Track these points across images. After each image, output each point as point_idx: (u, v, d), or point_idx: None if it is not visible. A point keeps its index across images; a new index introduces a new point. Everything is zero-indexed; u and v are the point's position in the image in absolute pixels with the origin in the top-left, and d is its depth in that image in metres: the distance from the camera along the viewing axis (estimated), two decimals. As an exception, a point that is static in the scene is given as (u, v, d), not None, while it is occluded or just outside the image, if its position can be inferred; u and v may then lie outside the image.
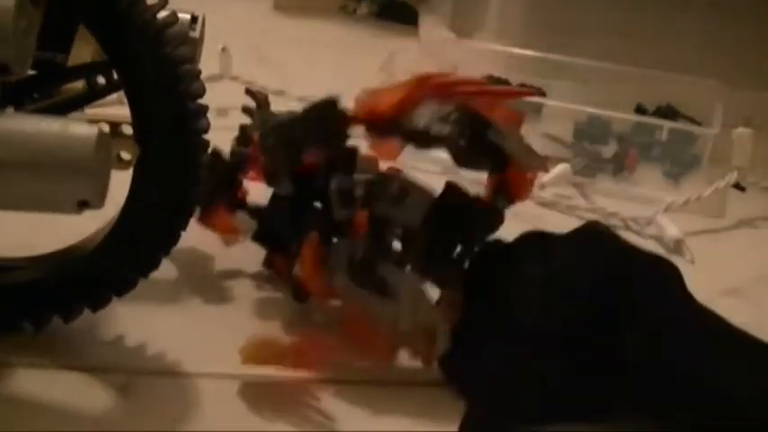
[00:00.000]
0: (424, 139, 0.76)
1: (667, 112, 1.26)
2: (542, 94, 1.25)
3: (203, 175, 0.74)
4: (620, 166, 1.18)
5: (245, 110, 0.89)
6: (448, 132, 0.75)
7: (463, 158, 0.77)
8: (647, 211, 1.08)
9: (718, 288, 0.96)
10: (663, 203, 1.08)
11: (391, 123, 0.76)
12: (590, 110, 1.19)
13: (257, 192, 0.84)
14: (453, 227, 0.76)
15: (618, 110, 1.20)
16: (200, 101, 0.72)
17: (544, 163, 0.80)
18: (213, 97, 0.73)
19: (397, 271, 0.75)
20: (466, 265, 0.77)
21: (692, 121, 1.25)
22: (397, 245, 0.77)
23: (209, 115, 0.73)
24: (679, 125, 1.22)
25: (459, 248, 0.77)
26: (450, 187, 0.76)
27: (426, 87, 0.77)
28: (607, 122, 1.20)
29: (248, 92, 0.90)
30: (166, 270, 0.82)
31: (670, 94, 1.28)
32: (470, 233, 0.76)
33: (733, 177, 1.13)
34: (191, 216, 0.76)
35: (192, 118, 0.72)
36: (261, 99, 0.89)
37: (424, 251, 0.75)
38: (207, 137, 0.74)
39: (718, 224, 1.11)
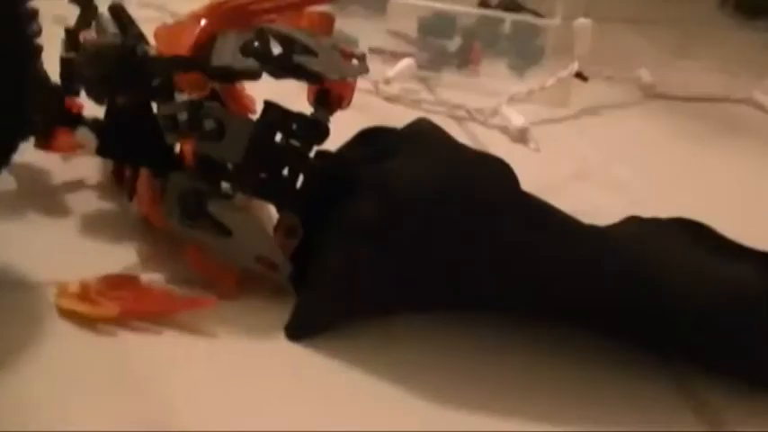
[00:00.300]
0: (228, 75, 0.74)
1: (510, 6, 1.27)
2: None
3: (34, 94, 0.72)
4: (465, 60, 1.18)
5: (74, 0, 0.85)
6: (251, 66, 0.72)
7: (276, 76, 0.74)
8: (492, 102, 1.09)
9: (565, 173, 0.99)
10: (507, 94, 1.09)
11: (192, 61, 0.73)
12: (434, 4, 1.19)
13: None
14: (278, 148, 0.74)
15: (462, 4, 1.21)
16: (31, 4, 0.70)
17: (362, 67, 0.76)
18: (48, 4, 0.71)
19: (228, 206, 0.73)
20: (299, 183, 0.75)
21: (535, 13, 1.26)
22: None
23: (46, 24, 0.71)
24: (522, 18, 1.23)
25: (287, 168, 0.75)
26: (269, 107, 0.74)
27: (221, 16, 0.74)
28: (451, 17, 1.21)
29: None
30: (5, 183, 0.80)
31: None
32: (296, 150, 0.74)
33: (575, 67, 1.15)
34: (28, 124, 0.74)
35: (22, 21, 0.69)
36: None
37: (253, 180, 0.74)
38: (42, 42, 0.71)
39: (562, 113, 1.13)
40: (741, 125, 1.20)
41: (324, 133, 0.74)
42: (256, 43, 0.72)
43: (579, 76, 1.15)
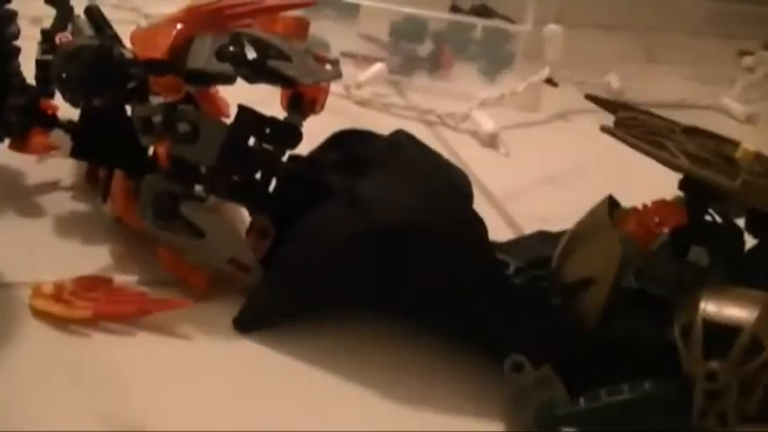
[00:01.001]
0: (202, 79, 0.74)
1: (482, 11, 1.28)
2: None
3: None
4: (436, 65, 1.19)
5: (51, 2, 0.85)
6: (225, 70, 0.72)
7: (251, 81, 0.73)
8: (462, 107, 1.10)
9: (535, 178, 1.00)
10: (478, 99, 1.10)
11: (168, 64, 0.73)
12: (406, 9, 1.20)
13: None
14: (251, 151, 0.75)
15: (433, 9, 1.22)
16: (9, 6, 0.70)
17: (335, 71, 0.76)
18: (26, 5, 0.71)
19: (200, 208, 0.74)
20: (271, 187, 0.76)
21: (506, 19, 1.27)
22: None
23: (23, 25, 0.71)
24: (493, 23, 1.24)
25: (260, 171, 0.75)
26: (243, 111, 0.74)
27: (197, 19, 0.74)
28: (423, 22, 1.22)
29: None
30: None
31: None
32: (269, 154, 0.75)
33: (545, 73, 1.16)
34: (4, 126, 0.74)
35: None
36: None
37: (226, 183, 0.74)
38: (18, 44, 0.72)
39: (532, 118, 1.14)
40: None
41: (297, 137, 0.75)
42: (231, 47, 0.72)
43: (550, 81, 1.16)
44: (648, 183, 1.03)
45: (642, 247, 0.71)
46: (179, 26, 0.74)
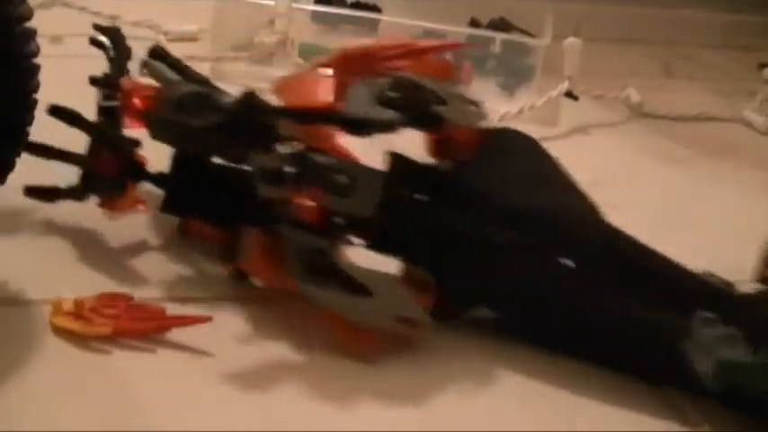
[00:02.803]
0: (362, 128, 0.70)
1: (500, 25, 1.28)
2: (378, 9, 1.26)
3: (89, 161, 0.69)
4: (455, 79, 1.19)
5: (95, 43, 0.81)
6: (388, 118, 0.69)
7: (409, 126, 0.71)
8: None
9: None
10: (498, 114, 1.10)
11: (324, 114, 0.70)
12: (425, 24, 1.19)
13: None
14: (408, 201, 0.70)
15: (452, 23, 1.22)
16: (29, 24, 0.70)
17: (483, 113, 0.75)
18: (46, 24, 0.71)
19: (365, 269, 0.68)
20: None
21: (525, 33, 1.27)
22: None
23: (43, 43, 0.71)
24: (512, 37, 1.24)
25: (415, 222, 0.71)
26: (396, 159, 0.70)
27: (349, 64, 0.72)
28: (442, 36, 1.21)
29: (97, 28, 0.83)
30: (1, 201, 0.81)
31: (502, 7, 1.30)
32: (424, 204, 0.70)
33: (564, 87, 1.16)
34: (23, 141, 0.74)
35: (19, 41, 0.70)
36: (115, 35, 0.82)
37: (383, 235, 0.70)
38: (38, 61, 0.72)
39: (552, 132, 1.14)
40: (730, 144, 1.21)
41: (450, 185, 0.72)
42: (391, 93, 0.70)
43: (570, 94, 1.16)
44: (669, 195, 1.04)
45: None
46: (331, 73, 0.71)
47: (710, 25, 1.58)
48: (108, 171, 0.75)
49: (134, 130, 0.77)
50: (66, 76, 0.80)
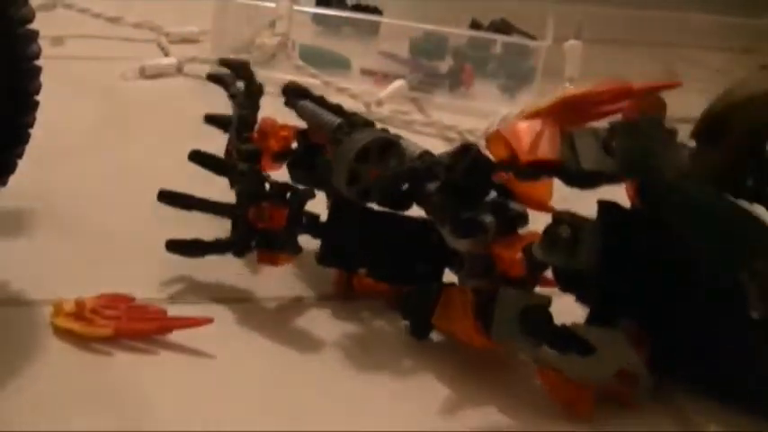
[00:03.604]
0: (590, 180, 0.66)
1: (501, 27, 1.28)
2: (378, 11, 1.26)
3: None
4: (456, 81, 1.19)
5: (216, 79, 0.79)
6: (616, 168, 0.65)
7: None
8: (483, 123, 1.10)
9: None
10: (499, 116, 1.10)
11: (547, 166, 0.66)
12: (426, 26, 1.20)
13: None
14: (635, 254, 0.67)
15: (453, 25, 1.22)
16: (31, 26, 0.71)
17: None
18: (48, 26, 0.71)
19: (581, 324, 0.66)
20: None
21: (526, 35, 1.27)
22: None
23: (44, 44, 0.71)
24: (513, 39, 1.24)
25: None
26: (608, 208, 0.68)
27: (568, 111, 0.68)
28: (443, 38, 1.22)
29: (224, 63, 0.79)
30: (3, 202, 0.80)
31: (503, 8, 1.30)
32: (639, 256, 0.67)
33: (565, 89, 1.16)
34: (25, 143, 0.74)
35: (21, 43, 0.70)
36: (243, 71, 0.78)
37: (604, 293, 0.67)
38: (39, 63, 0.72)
39: (552, 134, 1.14)
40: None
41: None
42: (614, 142, 0.66)
43: (571, 97, 1.16)
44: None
45: None
46: (550, 121, 0.67)
47: (711, 28, 1.58)
48: (275, 224, 0.71)
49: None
50: (67, 78, 0.80)
